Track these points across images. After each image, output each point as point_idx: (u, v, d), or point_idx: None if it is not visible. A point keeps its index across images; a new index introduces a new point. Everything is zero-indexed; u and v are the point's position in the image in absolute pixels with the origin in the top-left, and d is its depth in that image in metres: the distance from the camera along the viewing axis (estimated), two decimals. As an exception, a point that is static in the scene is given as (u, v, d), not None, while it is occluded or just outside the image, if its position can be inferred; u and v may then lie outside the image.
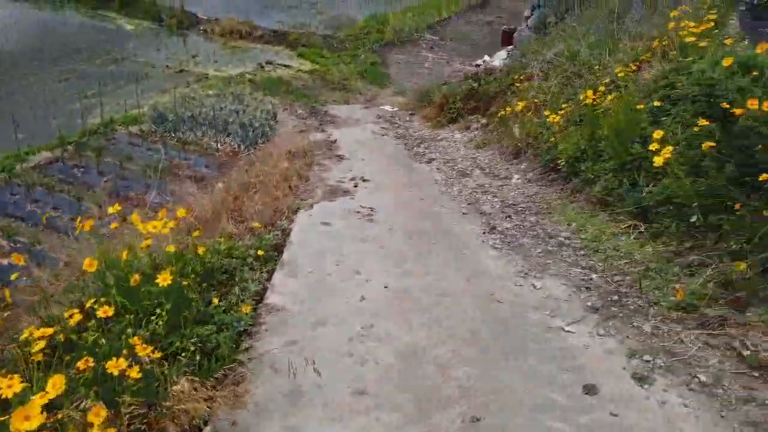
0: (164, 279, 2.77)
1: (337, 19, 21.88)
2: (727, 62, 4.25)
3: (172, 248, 3.22)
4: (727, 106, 3.97)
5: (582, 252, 4.30)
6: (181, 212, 3.54)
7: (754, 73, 4.20)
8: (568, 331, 3.18)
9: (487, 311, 3.50)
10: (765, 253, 3.22)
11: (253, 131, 11.16)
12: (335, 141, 9.45)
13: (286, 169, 6.94)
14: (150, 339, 2.65)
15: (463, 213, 5.64)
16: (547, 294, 3.66)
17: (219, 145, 11.44)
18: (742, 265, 3.22)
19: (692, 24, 5.78)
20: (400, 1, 24.23)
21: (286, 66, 18.31)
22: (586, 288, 3.68)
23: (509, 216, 5.41)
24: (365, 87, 16.91)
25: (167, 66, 18.33)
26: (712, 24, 5.84)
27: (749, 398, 2.45)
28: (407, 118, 12.56)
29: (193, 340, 2.78)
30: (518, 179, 6.69)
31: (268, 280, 3.89)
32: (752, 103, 3.51)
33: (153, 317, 2.76)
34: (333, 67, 18.12)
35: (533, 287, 3.78)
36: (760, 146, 3.51)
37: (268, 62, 18.40)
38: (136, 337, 2.47)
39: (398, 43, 20.34)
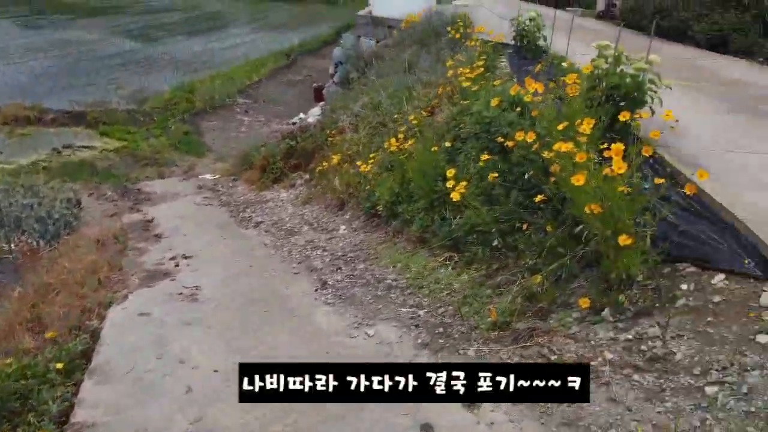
0: None
1: (140, 92, 20.82)
2: (494, 102, 4.84)
3: (-68, 388, 2.64)
4: (503, 139, 4.51)
5: (408, 291, 4.47)
6: (-54, 340, 2.94)
7: (518, 109, 4.85)
8: (403, 374, 3.23)
9: (325, 372, 3.42)
10: (554, 264, 3.64)
11: (53, 224, 9.91)
12: (152, 220, 8.82)
13: (94, 261, 6.25)
14: None
15: (295, 273, 5.57)
16: (380, 340, 3.72)
17: (12, 245, 9.95)
18: (539, 278, 3.60)
19: (467, 70, 6.55)
20: (207, 69, 23.98)
21: (88, 147, 16.82)
22: (415, 326, 3.81)
23: (339, 268, 5.46)
24: (181, 158, 16.20)
25: (-64, 164, 15.73)
26: (483, 69, 6.67)
27: (562, 399, 2.68)
28: (230, 184, 12.25)
29: (-29, 497, 2.27)
30: (345, 230, 6.84)
31: (76, 394, 3.39)
32: (519, 135, 4.01)
33: None
34: (142, 141, 17.11)
35: (367, 336, 3.82)
36: (532, 172, 4.01)
37: (66, 146, 16.73)
38: None
39: (210, 110, 19.96)
